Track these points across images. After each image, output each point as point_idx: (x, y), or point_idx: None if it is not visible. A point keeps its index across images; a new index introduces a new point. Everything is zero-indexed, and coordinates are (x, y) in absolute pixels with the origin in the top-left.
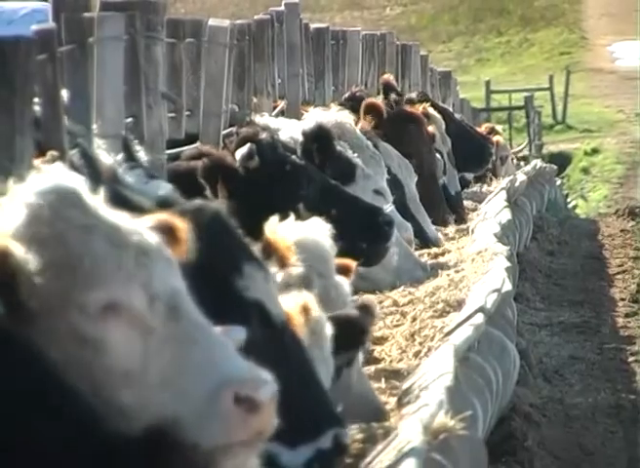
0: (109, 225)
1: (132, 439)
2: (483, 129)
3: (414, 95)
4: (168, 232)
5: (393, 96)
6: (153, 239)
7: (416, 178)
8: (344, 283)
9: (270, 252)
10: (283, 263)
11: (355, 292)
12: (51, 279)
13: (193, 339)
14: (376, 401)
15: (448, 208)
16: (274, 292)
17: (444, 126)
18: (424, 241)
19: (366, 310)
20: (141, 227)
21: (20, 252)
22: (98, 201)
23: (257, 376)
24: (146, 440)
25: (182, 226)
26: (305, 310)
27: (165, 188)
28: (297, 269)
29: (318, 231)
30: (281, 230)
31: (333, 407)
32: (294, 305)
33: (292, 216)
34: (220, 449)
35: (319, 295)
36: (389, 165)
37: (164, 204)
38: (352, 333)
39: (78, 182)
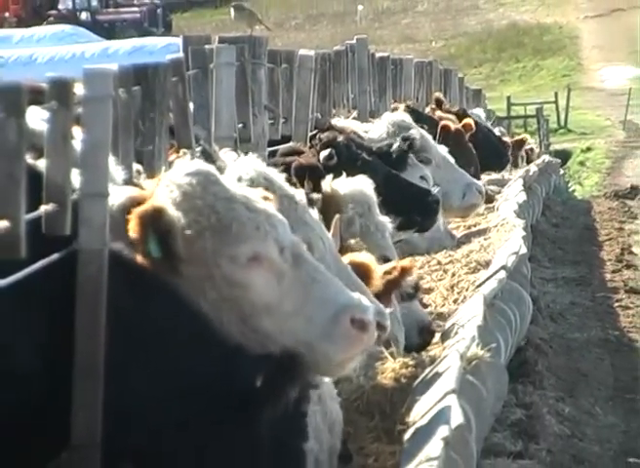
0: (243, 196)
1: (275, 356)
2: (513, 139)
3: (455, 109)
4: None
5: (439, 113)
6: (268, 205)
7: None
8: (386, 221)
9: (329, 201)
10: (337, 210)
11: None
12: (207, 238)
13: (314, 278)
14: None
15: None
16: None
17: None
18: None
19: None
20: (257, 197)
21: (173, 212)
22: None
23: (363, 303)
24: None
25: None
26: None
27: None
28: (345, 214)
29: (360, 183)
30: (334, 184)
31: None
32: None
33: None
34: (345, 360)
35: (360, 231)
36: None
37: None
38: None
39: (210, 168)
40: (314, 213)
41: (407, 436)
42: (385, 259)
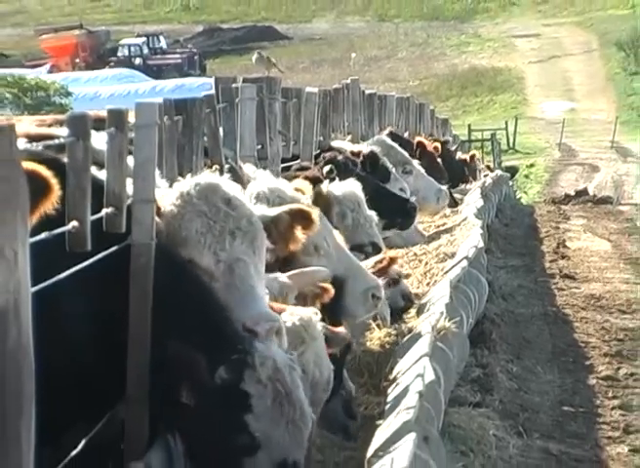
0: (218, 213)
1: None
2: (469, 155)
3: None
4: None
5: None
6: (252, 228)
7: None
8: (373, 214)
9: (318, 199)
10: (326, 206)
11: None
12: (169, 237)
13: (235, 287)
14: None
15: None
16: None
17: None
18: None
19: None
20: (251, 216)
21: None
22: (236, 194)
23: (259, 314)
24: None
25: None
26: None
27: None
28: (335, 209)
29: (351, 186)
30: (327, 186)
31: None
32: None
33: None
34: None
35: (352, 223)
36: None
37: None
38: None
39: (223, 182)
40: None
41: (390, 390)
42: (374, 244)
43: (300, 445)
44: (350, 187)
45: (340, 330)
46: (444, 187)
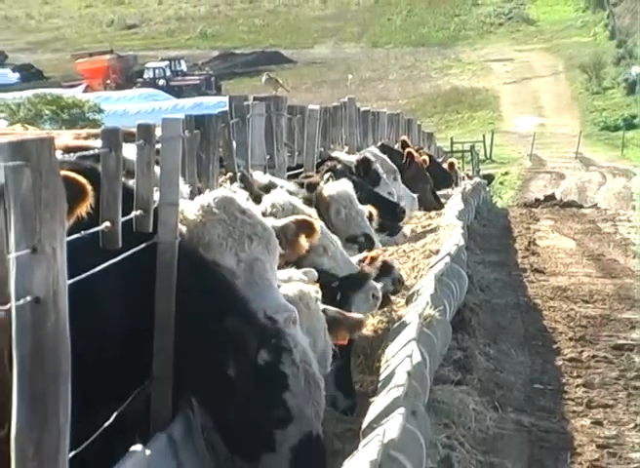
0: (235, 220)
1: None
2: (448, 162)
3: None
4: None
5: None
6: (266, 233)
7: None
8: (365, 209)
9: (319, 199)
10: (325, 205)
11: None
12: (193, 242)
13: (255, 282)
14: None
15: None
16: None
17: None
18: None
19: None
20: (264, 223)
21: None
22: (249, 206)
23: (278, 305)
24: None
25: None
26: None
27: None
28: (331, 207)
29: (343, 185)
30: (324, 186)
31: None
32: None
33: None
34: None
35: (345, 217)
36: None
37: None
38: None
39: (238, 194)
40: (313, 211)
41: (382, 370)
42: (366, 235)
43: (320, 418)
44: (342, 186)
45: (354, 314)
46: (415, 195)
